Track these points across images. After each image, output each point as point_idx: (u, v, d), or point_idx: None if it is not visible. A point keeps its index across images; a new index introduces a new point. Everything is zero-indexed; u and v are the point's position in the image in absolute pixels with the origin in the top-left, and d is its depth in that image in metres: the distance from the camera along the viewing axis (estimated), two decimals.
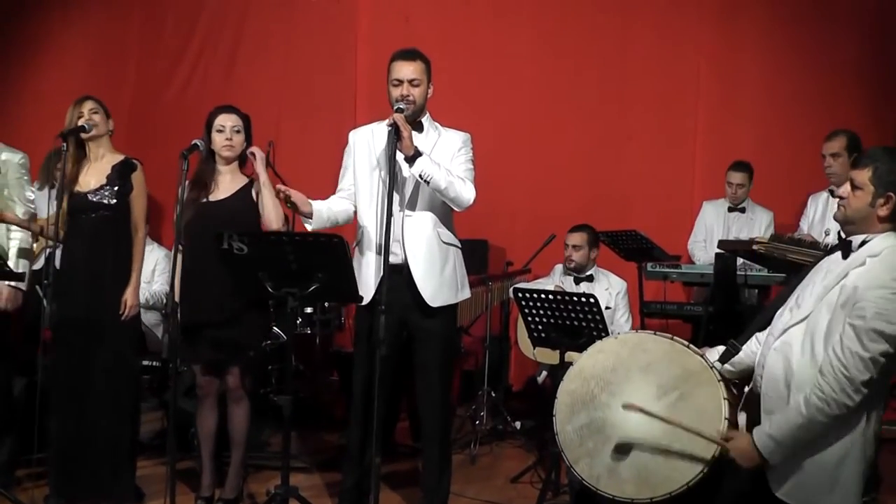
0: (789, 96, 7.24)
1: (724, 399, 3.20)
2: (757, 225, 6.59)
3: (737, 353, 3.38)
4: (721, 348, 3.52)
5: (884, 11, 7.10)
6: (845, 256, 3.15)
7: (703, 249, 6.74)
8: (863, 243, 3.12)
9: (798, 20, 7.30)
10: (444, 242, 4.34)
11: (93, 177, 4.68)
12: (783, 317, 3.24)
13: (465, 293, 4.48)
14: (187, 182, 4.47)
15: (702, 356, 3.34)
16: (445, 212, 4.35)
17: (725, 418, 3.16)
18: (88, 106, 4.70)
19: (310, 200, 4.31)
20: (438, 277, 4.29)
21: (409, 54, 4.30)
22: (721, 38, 7.44)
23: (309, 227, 4.33)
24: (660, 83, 7.52)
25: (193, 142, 4.39)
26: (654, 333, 3.49)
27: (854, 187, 3.15)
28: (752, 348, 3.43)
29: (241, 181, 4.69)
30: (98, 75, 8.12)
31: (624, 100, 7.60)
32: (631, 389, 3.37)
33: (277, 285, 3.80)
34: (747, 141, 7.22)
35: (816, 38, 7.24)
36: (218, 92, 7.86)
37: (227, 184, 4.65)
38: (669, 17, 7.51)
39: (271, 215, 4.54)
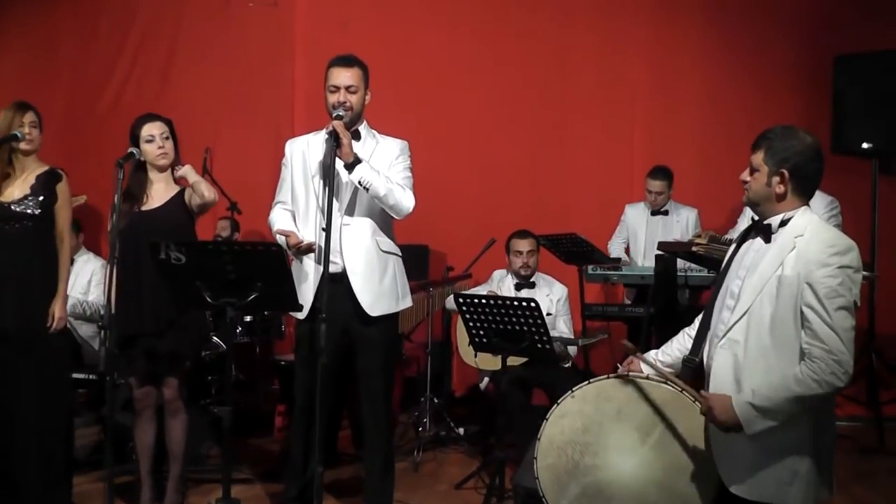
0: (727, 97, 7.32)
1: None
2: (683, 224, 6.66)
3: (694, 366, 3.36)
4: (652, 354, 3.54)
5: (817, 10, 7.23)
6: (767, 240, 3.17)
7: (619, 249, 6.87)
8: (782, 224, 3.13)
9: (734, 20, 7.40)
10: (384, 251, 4.32)
11: (17, 187, 4.60)
12: (721, 314, 3.25)
13: (407, 302, 4.46)
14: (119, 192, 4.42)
15: (666, 382, 3.32)
16: (385, 220, 4.33)
17: None
18: (30, 118, 4.62)
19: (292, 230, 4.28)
20: (378, 286, 4.27)
21: (346, 60, 4.28)
22: (658, 40, 7.51)
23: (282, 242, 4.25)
24: (599, 86, 7.57)
25: (129, 150, 4.41)
26: (608, 377, 3.45)
27: (752, 170, 3.18)
28: (687, 344, 3.45)
29: (174, 189, 4.66)
30: (28, 82, 7.94)
31: (564, 104, 7.63)
32: (611, 443, 3.33)
33: (216, 295, 3.75)
34: (685, 142, 7.31)
35: (752, 38, 7.33)
36: (153, 99, 7.75)
37: (160, 192, 4.62)
38: (607, 21, 7.56)
39: (206, 193, 4.48)
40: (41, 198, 4.58)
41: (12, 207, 4.54)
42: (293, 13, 7.97)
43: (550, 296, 5.99)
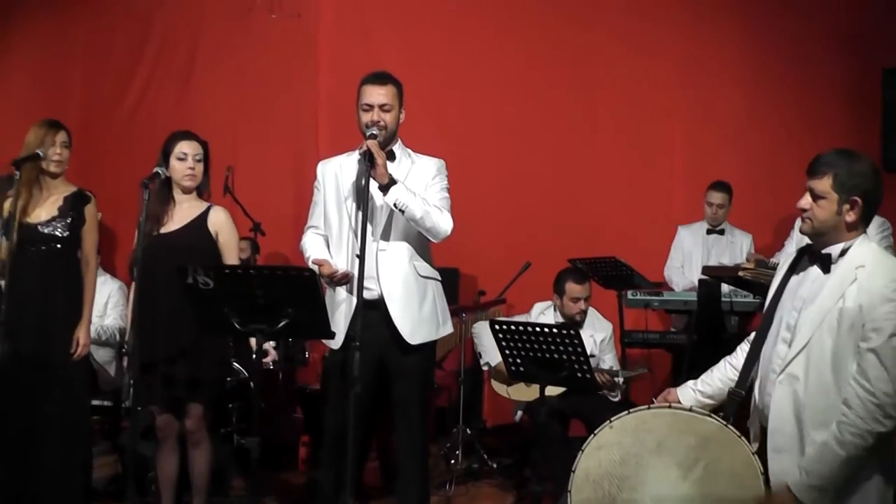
0: (770, 113, 7.33)
1: (754, 455, 3.17)
2: (738, 248, 6.68)
3: (741, 399, 3.37)
4: (691, 384, 3.54)
5: (863, 27, 7.21)
6: (826, 270, 3.17)
7: (680, 274, 6.83)
8: (842, 253, 3.14)
9: (777, 33, 7.39)
10: (422, 276, 4.34)
11: (44, 209, 4.68)
12: (777, 348, 3.25)
13: (447, 328, 4.48)
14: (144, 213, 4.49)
15: (710, 415, 3.29)
16: (422, 243, 4.36)
17: (761, 473, 3.13)
18: (62, 138, 4.73)
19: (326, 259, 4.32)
20: (417, 313, 4.30)
21: (381, 78, 4.31)
22: (697, 53, 7.52)
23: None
24: (633, 102, 7.58)
25: (155, 170, 4.43)
26: (648, 407, 3.43)
27: (816, 197, 3.16)
28: (730, 375, 3.46)
29: (198, 209, 4.70)
30: (41, 97, 8.05)
31: (596, 120, 7.65)
32: (650, 477, 3.29)
33: (244, 321, 3.78)
34: (727, 160, 7.30)
35: (797, 52, 7.31)
36: (171, 114, 7.84)
37: (182, 213, 4.66)
38: (641, 33, 7.58)
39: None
40: (69, 220, 4.68)
41: (39, 229, 4.62)
42: (317, 25, 8.04)
43: (594, 336, 5.93)
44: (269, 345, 4.53)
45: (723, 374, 3.51)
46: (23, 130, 4.86)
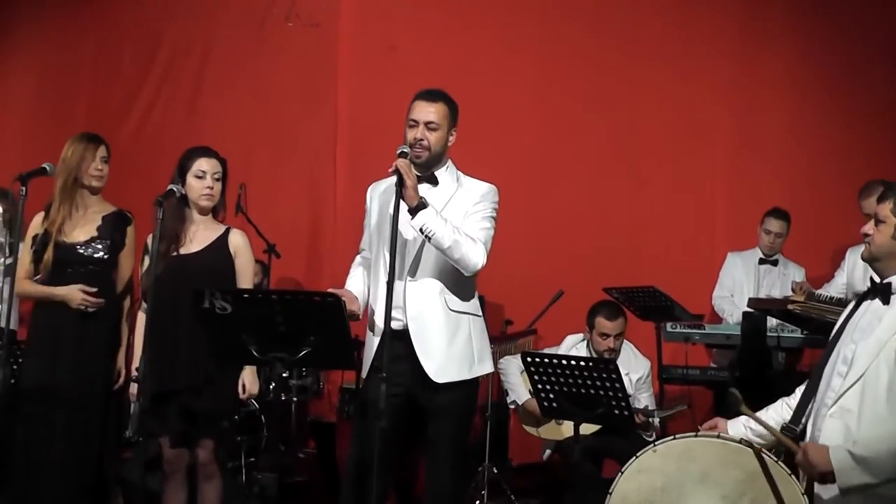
0: (817, 138, 7.35)
1: (804, 495, 3.16)
2: (790, 281, 6.65)
3: (792, 436, 3.37)
4: (744, 419, 3.54)
5: None
6: (886, 301, 3.19)
7: (732, 304, 6.81)
8: None
9: (828, 55, 7.41)
10: (453, 310, 4.27)
11: (81, 228, 4.73)
12: (832, 381, 3.26)
13: (485, 367, 4.37)
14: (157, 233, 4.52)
15: (760, 450, 3.30)
16: (457, 275, 4.27)
17: None
18: (102, 153, 4.81)
19: (353, 294, 4.31)
20: (445, 350, 4.22)
21: (432, 94, 4.30)
22: (741, 75, 7.54)
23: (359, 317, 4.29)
24: (674, 123, 7.60)
25: (170, 187, 4.44)
26: (696, 435, 3.43)
27: (878, 221, 3.22)
28: (785, 415, 3.46)
29: (216, 231, 4.72)
30: (44, 110, 8.15)
31: (634, 141, 7.67)
32: None
33: (263, 349, 3.79)
34: (772, 186, 7.30)
35: (847, 75, 7.33)
36: (180, 129, 7.93)
37: (200, 234, 4.68)
38: (684, 52, 7.62)
39: None
40: (109, 241, 4.74)
41: (78, 249, 4.67)
42: (336, 35, 8.09)
43: (630, 374, 5.85)
44: (247, 375, 4.48)
45: (778, 414, 3.52)
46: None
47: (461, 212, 4.26)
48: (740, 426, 3.50)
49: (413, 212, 4.06)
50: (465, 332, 4.31)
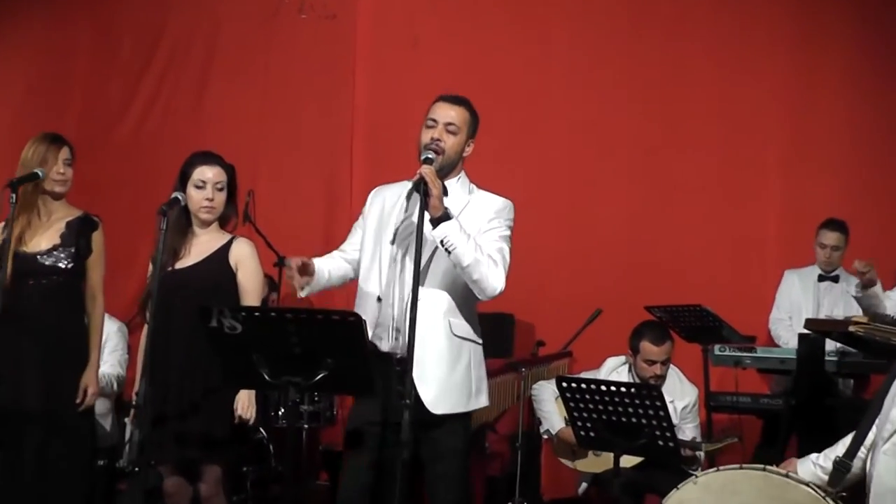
0: (880, 143, 7.32)
1: None
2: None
3: (848, 472, 3.38)
4: (813, 457, 3.54)
5: None
6: None
7: (788, 329, 6.78)
8: None
9: (892, 51, 7.37)
10: (456, 335, 4.27)
11: (44, 236, 4.74)
12: (892, 413, 3.26)
13: (481, 401, 4.38)
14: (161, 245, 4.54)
15: (808, 485, 3.31)
16: (466, 297, 4.28)
17: None
18: (65, 155, 4.78)
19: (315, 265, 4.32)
20: (446, 378, 4.23)
21: (456, 98, 4.35)
22: (796, 73, 7.52)
23: (300, 294, 4.34)
24: (722, 126, 7.59)
25: (174, 195, 4.45)
26: (741, 467, 3.46)
27: None
28: (861, 454, 3.46)
29: (219, 241, 4.75)
30: (36, 104, 8.17)
31: (679, 147, 7.65)
32: None
33: (276, 372, 3.81)
34: (830, 195, 7.27)
35: None
36: (182, 130, 7.97)
37: (201, 246, 4.72)
38: (734, 48, 7.60)
39: None
40: (73, 249, 4.74)
41: (39, 259, 4.68)
42: (354, 27, 8.12)
43: (675, 402, 5.82)
44: (242, 398, 4.49)
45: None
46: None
47: (473, 228, 4.23)
48: (809, 465, 3.50)
49: (435, 222, 4.06)
50: (466, 361, 4.31)
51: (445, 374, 4.23)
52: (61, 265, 4.71)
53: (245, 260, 4.74)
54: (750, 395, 6.54)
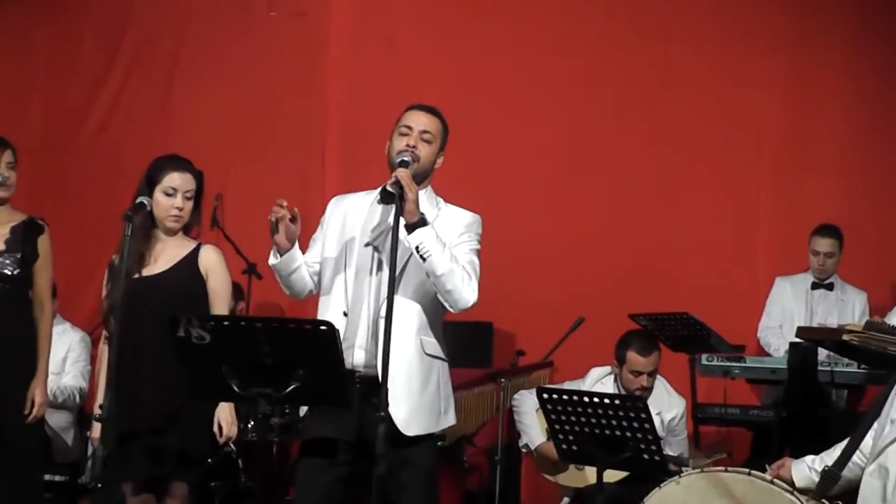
0: (879, 145, 7.36)
1: None
2: (849, 308, 6.67)
3: (836, 482, 3.39)
4: (809, 460, 3.56)
5: None
6: None
7: (779, 336, 6.80)
8: None
9: (892, 49, 7.41)
10: (428, 354, 4.29)
11: None
12: (886, 428, 3.27)
13: (449, 419, 4.41)
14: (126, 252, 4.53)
15: (792, 493, 3.34)
16: (436, 312, 4.31)
17: None
18: (7, 158, 4.74)
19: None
20: (418, 399, 4.24)
21: (429, 108, 4.36)
22: (792, 73, 7.56)
23: (272, 261, 4.34)
24: (714, 127, 7.61)
25: (140, 199, 4.42)
26: (725, 470, 3.50)
27: None
28: (857, 458, 3.47)
29: (185, 248, 4.73)
30: None
31: (667, 147, 7.67)
32: None
33: (246, 384, 3.80)
34: (825, 200, 7.30)
35: None
36: (148, 131, 7.95)
37: (168, 252, 4.69)
38: (727, 46, 7.62)
39: None
40: (19, 255, 4.71)
41: None
42: (327, 26, 8.09)
43: (662, 414, 5.85)
44: (223, 413, 4.47)
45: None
46: None
47: (444, 240, 4.23)
48: (804, 468, 3.52)
49: (411, 228, 4.08)
50: (436, 380, 4.33)
51: (417, 395, 4.24)
52: (7, 272, 4.68)
53: (215, 267, 4.73)
54: (739, 407, 6.56)
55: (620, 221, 7.68)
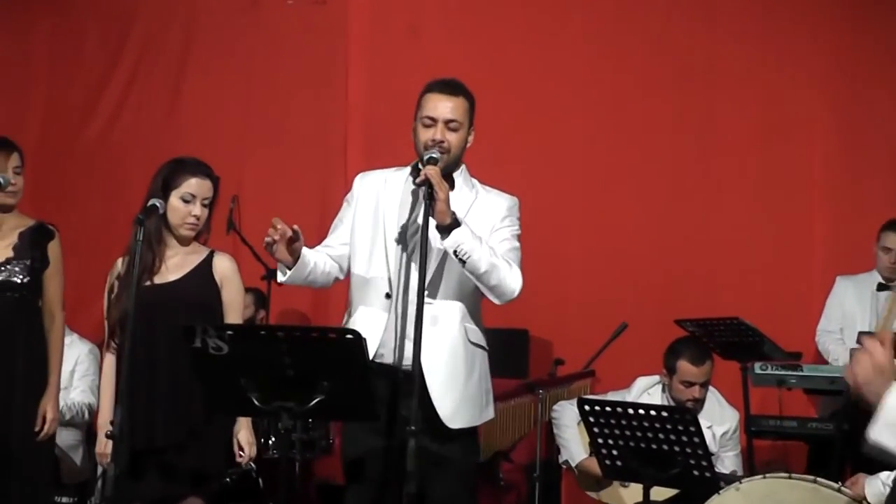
0: None
1: None
2: None
3: None
4: (884, 476, 3.56)
5: None
6: None
7: (839, 342, 6.74)
8: None
9: None
10: (472, 342, 4.34)
11: None
12: None
13: (489, 413, 4.47)
14: (127, 257, 4.58)
15: (860, 502, 3.34)
16: (476, 300, 4.37)
17: None
18: (14, 162, 4.78)
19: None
20: (462, 390, 4.28)
21: (451, 87, 4.37)
22: (846, 65, 7.48)
23: (280, 279, 4.36)
24: (760, 119, 7.56)
25: (152, 202, 4.42)
26: (790, 476, 3.48)
27: None
28: None
29: (198, 255, 4.76)
30: None
31: (712, 141, 7.63)
32: None
33: (266, 397, 3.82)
34: (884, 195, 7.23)
35: None
36: (157, 130, 7.98)
37: (181, 259, 4.72)
38: (775, 35, 7.56)
39: None
40: (28, 262, 4.74)
41: None
42: (348, 14, 8.09)
43: (713, 428, 5.85)
44: (243, 431, 4.47)
45: None
46: None
47: (484, 227, 4.31)
48: (878, 484, 3.52)
49: (445, 230, 4.09)
50: (479, 370, 4.39)
51: (462, 385, 4.29)
52: (15, 280, 4.72)
53: (230, 276, 4.75)
54: (796, 419, 6.48)
55: (664, 221, 7.63)
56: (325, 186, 7.82)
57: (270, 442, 6.50)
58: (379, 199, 4.44)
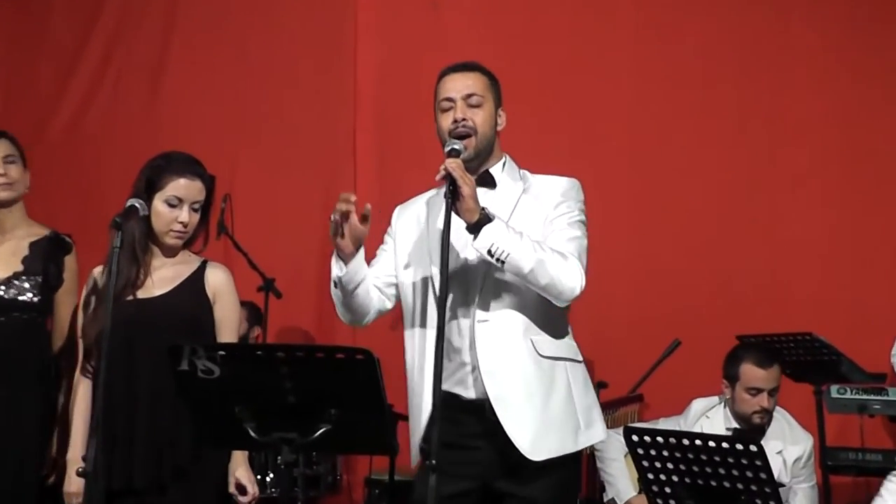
0: None
1: None
2: None
3: None
4: None
5: None
6: None
7: None
8: None
9: None
10: (545, 356, 4.28)
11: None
12: None
13: (594, 434, 4.43)
14: (106, 268, 4.57)
15: None
16: (545, 307, 4.30)
17: None
18: (6, 150, 4.77)
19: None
20: (541, 414, 4.23)
21: (465, 65, 4.42)
22: None
23: (336, 273, 4.34)
24: (837, 103, 7.56)
25: (131, 202, 4.38)
26: None
27: None
28: None
29: (189, 266, 4.77)
30: None
31: (776, 136, 7.63)
32: None
33: (264, 427, 3.82)
34: None
35: None
36: (137, 118, 8.06)
37: (167, 270, 4.72)
38: (850, 11, 7.54)
39: None
40: (40, 278, 4.74)
41: None
42: None
43: (784, 452, 5.87)
44: (240, 467, 4.47)
45: None
46: None
47: (538, 219, 4.33)
48: None
49: (474, 229, 4.09)
50: (564, 386, 4.33)
51: (540, 409, 4.24)
52: (24, 298, 4.72)
53: (224, 291, 4.77)
54: (881, 452, 6.47)
55: (725, 223, 7.63)
56: (329, 184, 7.84)
57: (269, 479, 6.53)
58: (422, 224, 4.49)
